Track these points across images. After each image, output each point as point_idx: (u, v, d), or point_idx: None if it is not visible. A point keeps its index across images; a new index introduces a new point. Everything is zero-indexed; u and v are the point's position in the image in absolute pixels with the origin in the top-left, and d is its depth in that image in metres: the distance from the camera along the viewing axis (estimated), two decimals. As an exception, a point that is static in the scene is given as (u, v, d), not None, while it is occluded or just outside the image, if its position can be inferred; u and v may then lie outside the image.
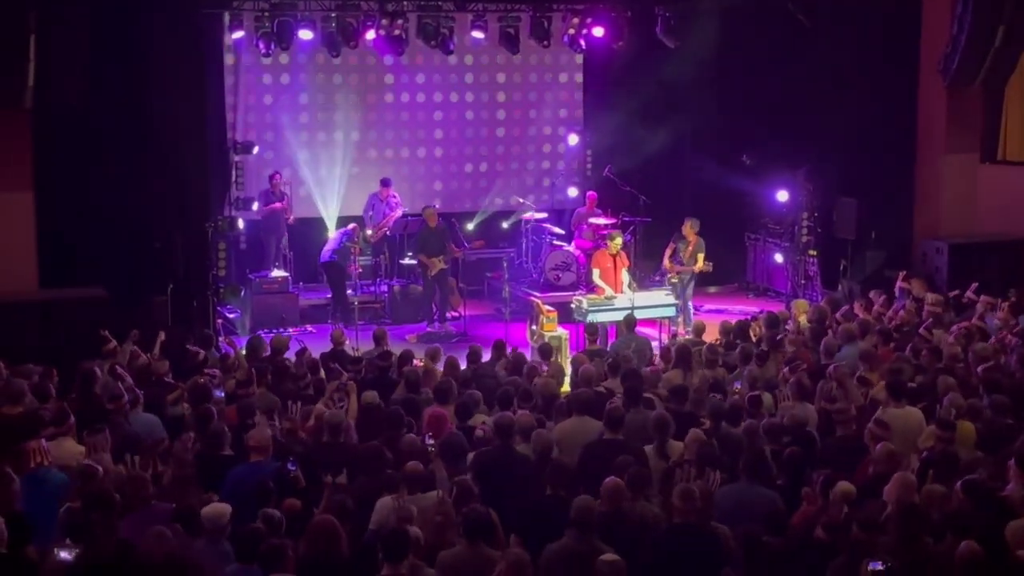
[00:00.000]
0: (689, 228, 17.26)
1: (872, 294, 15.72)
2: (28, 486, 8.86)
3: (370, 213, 19.20)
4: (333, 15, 17.78)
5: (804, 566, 7.79)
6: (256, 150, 19.15)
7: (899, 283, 16.14)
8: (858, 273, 18.19)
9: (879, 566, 7.15)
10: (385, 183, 19.31)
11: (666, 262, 17.40)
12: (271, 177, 18.88)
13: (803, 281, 19.04)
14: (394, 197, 19.30)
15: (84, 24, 15.29)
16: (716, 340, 14.09)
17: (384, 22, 17.80)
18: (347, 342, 13.81)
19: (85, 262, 15.59)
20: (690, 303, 17.54)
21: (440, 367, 12.58)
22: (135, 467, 9.20)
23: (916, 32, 18.39)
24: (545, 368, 12.71)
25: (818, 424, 10.47)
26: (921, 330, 13.63)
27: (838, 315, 14.63)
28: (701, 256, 17.20)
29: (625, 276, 16.48)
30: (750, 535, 7.80)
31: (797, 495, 8.85)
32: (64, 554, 7.52)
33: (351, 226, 18.47)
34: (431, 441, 9.72)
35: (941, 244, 17.86)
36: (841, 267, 18.41)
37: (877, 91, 18.49)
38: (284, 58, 19.26)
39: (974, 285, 15.47)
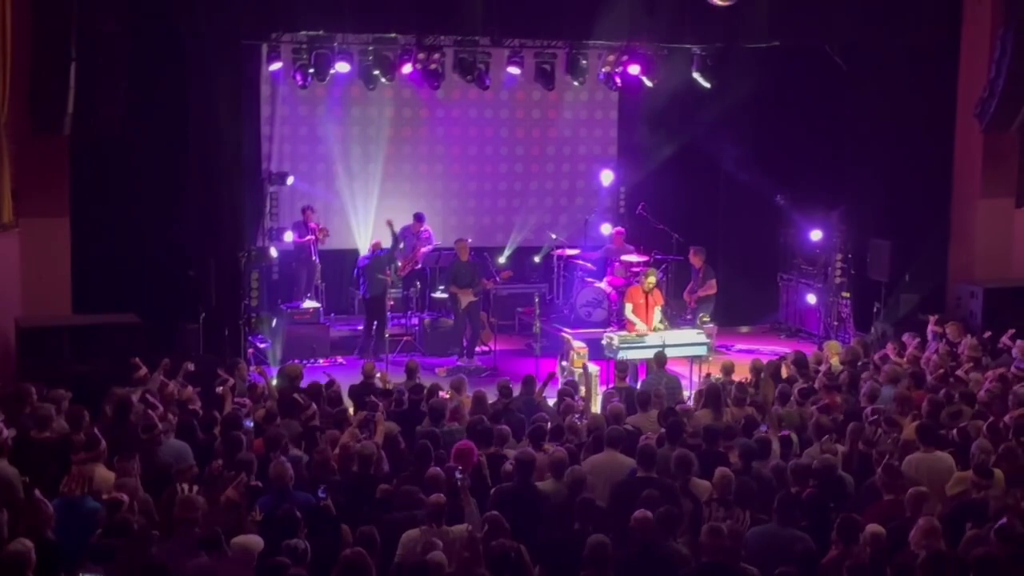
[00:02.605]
0: (694, 255, 17.78)
1: (905, 337, 15.61)
2: (61, 512, 8.87)
3: (400, 246, 19.25)
4: (370, 48, 17.88)
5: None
6: (291, 181, 19.26)
7: (932, 327, 16.02)
8: (891, 315, 18.07)
9: None
10: (419, 218, 19.38)
11: (686, 296, 17.68)
12: (303, 210, 18.97)
13: (835, 323, 18.93)
14: (426, 232, 19.35)
15: (124, 52, 15.39)
16: (747, 379, 14.02)
17: (421, 56, 17.89)
18: (378, 375, 13.79)
19: (118, 288, 15.63)
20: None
21: (466, 398, 12.56)
22: (184, 492, 9.19)
23: (954, 76, 18.32)
24: (580, 402, 12.74)
25: (853, 467, 10.38)
26: (958, 373, 13.52)
27: (876, 358, 14.58)
28: (713, 282, 17.76)
29: (657, 314, 16.44)
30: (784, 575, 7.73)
31: (822, 537, 8.77)
32: None
33: (371, 249, 18.51)
34: (460, 475, 9.66)
35: (976, 288, 17.73)
36: (874, 309, 18.30)
37: (913, 133, 18.40)
38: (320, 90, 19.37)
39: (1011, 331, 15.33)
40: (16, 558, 7.63)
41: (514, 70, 18.87)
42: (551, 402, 13.22)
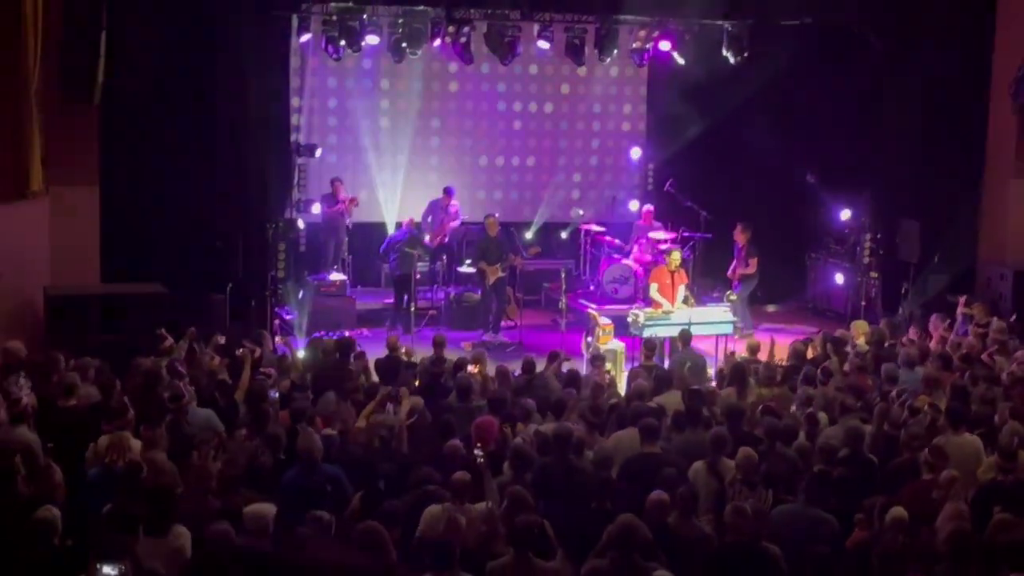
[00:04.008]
0: (740, 232, 17.63)
1: (934, 318, 15.51)
2: (99, 480, 8.91)
3: (429, 219, 19.24)
4: (400, 20, 17.82)
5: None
6: (319, 153, 19.25)
7: (961, 308, 15.91)
8: (919, 297, 17.97)
9: None
10: (448, 192, 19.37)
11: (730, 272, 17.74)
12: (332, 182, 18.97)
13: (863, 303, 18.81)
14: (455, 207, 19.33)
15: (154, 23, 15.42)
16: (785, 361, 13.89)
17: (451, 29, 17.83)
18: (403, 349, 13.81)
19: (146, 258, 15.71)
20: (746, 308, 17.68)
21: (488, 372, 12.56)
22: (200, 459, 9.23)
23: (988, 55, 18.16)
24: (605, 377, 12.74)
25: (877, 448, 10.33)
26: (983, 356, 13.43)
27: (904, 339, 14.50)
28: (754, 261, 17.61)
29: (682, 292, 16.39)
30: (818, 557, 7.69)
31: (845, 518, 8.74)
32: (108, 569, 7.49)
33: (404, 225, 18.54)
34: (479, 452, 9.63)
35: (1006, 270, 17.61)
36: (903, 290, 18.19)
37: (945, 112, 18.25)
38: (349, 62, 19.34)
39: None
40: (43, 525, 7.68)
41: (544, 44, 18.77)
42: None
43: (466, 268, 18.92)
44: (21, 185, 14.60)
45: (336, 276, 18.57)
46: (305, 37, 18.20)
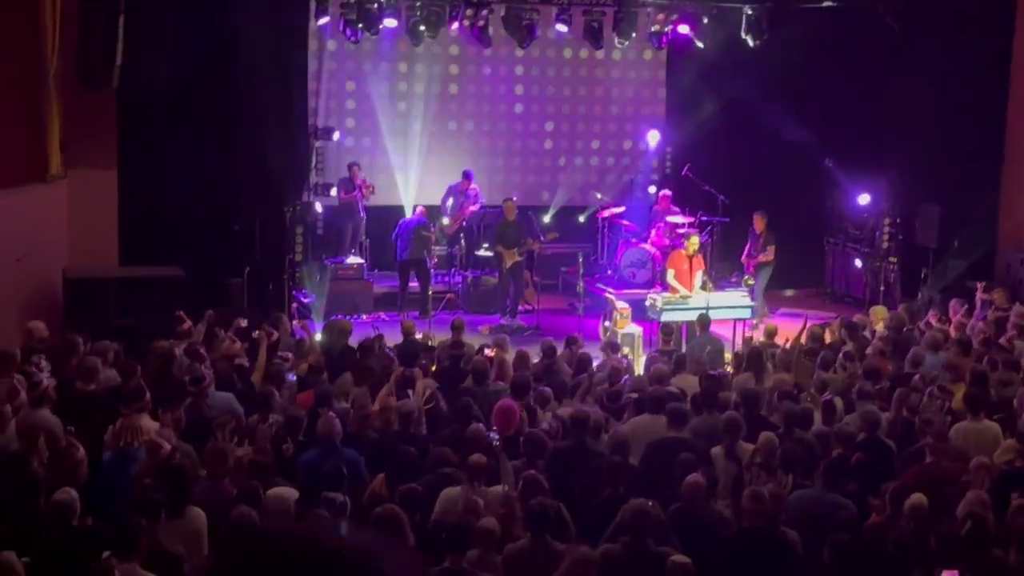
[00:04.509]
0: (759, 220, 17.43)
1: (952, 303, 15.46)
2: (113, 464, 8.94)
3: (448, 203, 19.23)
4: (418, 4, 17.78)
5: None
6: (337, 136, 19.25)
7: (980, 294, 15.84)
8: (938, 282, 17.89)
9: None
10: (467, 175, 19.35)
11: (744, 259, 17.54)
12: (350, 166, 18.96)
13: (882, 288, 18.74)
14: (474, 190, 19.32)
15: (172, 6, 15.43)
16: (791, 343, 13.89)
17: (469, 13, 17.78)
18: (419, 335, 13.81)
19: (164, 241, 15.75)
20: (761, 296, 17.58)
21: (509, 358, 12.55)
22: (219, 441, 9.26)
23: (1008, 38, 18.03)
24: (625, 361, 12.75)
25: (897, 433, 10.30)
26: (1001, 341, 13.37)
27: (922, 324, 14.46)
28: (772, 248, 17.35)
29: (699, 277, 16.34)
30: (838, 543, 7.67)
31: (862, 503, 8.72)
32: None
33: (417, 213, 18.54)
34: (496, 436, 9.64)
35: (1025, 255, 17.53)
36: (922, 275, 18.11)
37: (965, 97, 18.14)
38: (367, 46, 19.31)
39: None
40: (61, 507, 7.71)
41: (562, 27, 18.71)
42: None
43: (484, 252, 18.90)
44: (40, 169, 14.66)
45: (354, 259, 18.57)
46: (323, 20, 18.16)
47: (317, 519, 7.67)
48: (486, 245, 18.76)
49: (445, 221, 19.00)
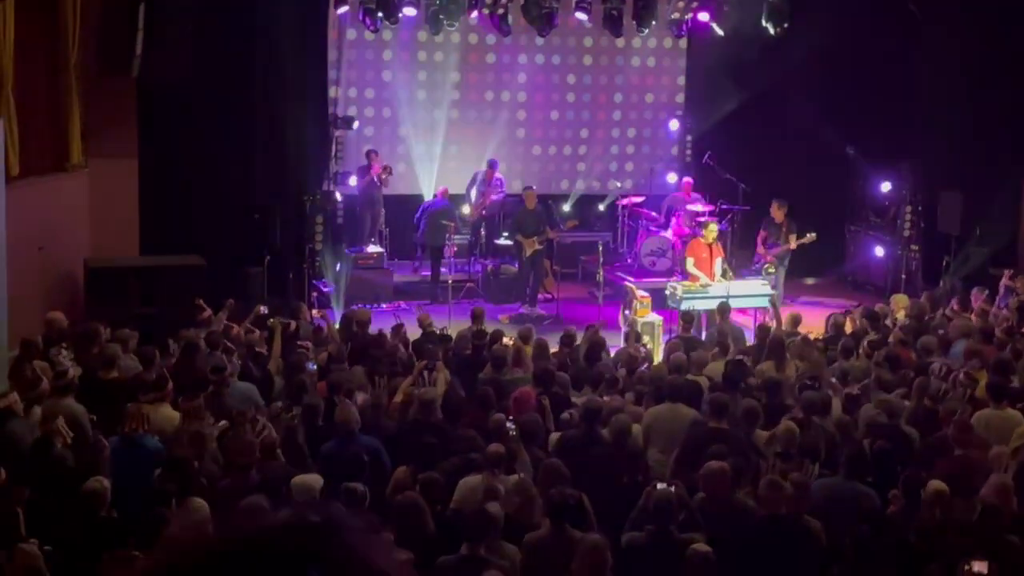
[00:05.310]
0: (777, 209, 17.14)
1: (974, 292, 15.38)
2: (118, 451, 8.97)
3: (472, 191, 19.23)
4: (438, -8, 17.78)
5: (899, 566, 7.63)
6: (356, 125, 19.26)
7: (1005, 281, 15.75)
8: (961, 269, 17.80)
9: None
10: (492, 165, 19.36)
11: (760, 248, 17.27)
12: (368, 153, 18.96)
13: (903, 276, 18.66)
14: (499, 179, 19.32)
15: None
16: (815, 333, 13.86)
17: (488, 1, 17.77)
18: (434, 324, 13.82)
19: (184, 230, 15.79)
20: (780, 289, 17.36)
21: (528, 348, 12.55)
22: (245, 433, 9.27)
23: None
24: (644, 349, 12.72)
25: (916, 422, 10.25)
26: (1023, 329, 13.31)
27: (947, 311, 14.40)
28: (793, 236, 17.07)
29: (719, 265, 16.28)
30: (859, 533, 7.65)
31: (883, 492, 8.68)
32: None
33: (439, 195, 18.58)
34: (511, 425, 9.62)
35: (1049, 243, 17.43)
36: (944, 263, 18.02)
37: (987, 83, 18.02)
38: (387, 34, 19.33)
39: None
40: (91, 496, 7.74)
41: (582, 16, 18.68)
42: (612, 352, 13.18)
43: (504, 240, 18.90)
44: (61, 158, 14.72)
45: (373, 248, 18.59)
46: (342, 9, 18.18)
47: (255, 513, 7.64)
48: (506, 234, 18.76)
49: (466, 209, 19.01)
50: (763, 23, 18.42)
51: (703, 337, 14.12)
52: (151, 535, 7.22)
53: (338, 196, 18.97)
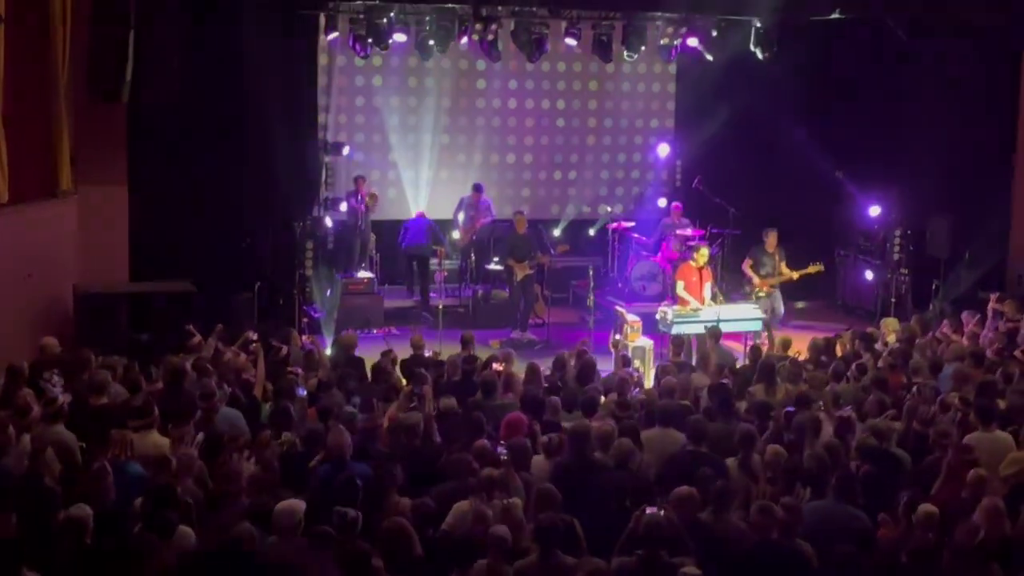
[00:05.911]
0: (771, 238, 17.13)
1: (965, 315, 15.40)
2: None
3: (459, 216, 19.24)
4: (427, 18, 17.80)
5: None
6: (346, 151, 19.28)
7: (992, 305, 15.78)
8: (950, 293, 17.84)
9: None
10: (478, 188, 19.38)
11: (750, 274, 17.19)
12: (356, 179, 18.94)
13: (893, 300, 18.68)
14: (485, 202, 19.33)
15: (181, 22, 15.48)
16: (805, 356, 13.87)
17: (478, 27, 17.79)
18: (426, 347, 13.80)
19: (174, 256, 15.77)
20: (780, 311, 17.32)
21: (516, 369, 12.55)
22: (234, 461, 9.21)
23: (1018, 48, 17.99)
24: (636, 374, 12.71)
25: (907, 445, 10.25)
26: (1017, 353, 13.32)
27: (937, 334, 14.42)
28: (792, 271, 17.04)
29: (708, 289, 16.28)
30: (847, 556, 7.62)
31: (873, 516, 8.67)
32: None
33: (417, 215, 18.68)
34: (503, 450, 9.59)
35: (1038, 266, 17.46)
36: (933, 287, 18.05)
37: (975, 107, 18.11)
38: (377, 60, 19.36)
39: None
40: (75, 523, 7.70)
41: (571, 41, 18.72)
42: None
43: (494, 265, 18.89)
44: (50, 184, 14.70)
45: (364, 274, 18.58)
46: (332, 35, 18.21)
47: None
48: (496, 259, 18.76)
49: (456, 235, 19.00)
50: (752, 48, 18.48)
51: (693, 362, 14.11)
52: (133, 562, 7.18)
53: (328, 222, 18.96)
